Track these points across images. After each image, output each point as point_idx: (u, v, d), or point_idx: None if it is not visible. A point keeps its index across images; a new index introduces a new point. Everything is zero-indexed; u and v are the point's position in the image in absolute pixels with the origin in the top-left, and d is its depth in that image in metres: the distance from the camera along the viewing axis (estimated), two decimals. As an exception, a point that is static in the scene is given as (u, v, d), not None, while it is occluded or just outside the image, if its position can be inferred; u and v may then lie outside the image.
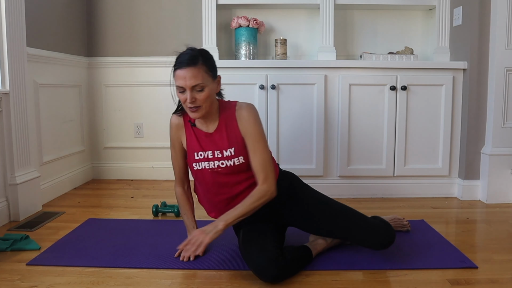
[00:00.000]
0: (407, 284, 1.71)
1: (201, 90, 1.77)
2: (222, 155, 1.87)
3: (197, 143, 1.91)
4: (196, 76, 1.75)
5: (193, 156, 1.91)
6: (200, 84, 1.76)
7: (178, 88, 1.80)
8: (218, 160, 1.88)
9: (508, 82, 2.83)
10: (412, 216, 2.60)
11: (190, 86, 1.75)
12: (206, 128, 1.92)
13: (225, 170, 1.88)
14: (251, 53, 3.14)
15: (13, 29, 2.47)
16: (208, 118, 1.90)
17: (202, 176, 1.93)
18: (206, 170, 1.90)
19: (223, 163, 1.87)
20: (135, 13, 3.51)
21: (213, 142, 1.89)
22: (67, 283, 1.71)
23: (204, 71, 1.78)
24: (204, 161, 1.89)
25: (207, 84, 1.78)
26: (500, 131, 2.87)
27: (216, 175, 1.90)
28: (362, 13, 3.36)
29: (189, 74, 1.74)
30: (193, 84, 1.75)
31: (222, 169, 1.88)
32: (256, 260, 1.71)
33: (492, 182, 2.89)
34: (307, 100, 2.93)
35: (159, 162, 3.60)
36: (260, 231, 1.87)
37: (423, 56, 3.36)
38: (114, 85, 3.56)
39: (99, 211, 2.70)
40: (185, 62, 1.76)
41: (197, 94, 1.77)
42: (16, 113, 2.51)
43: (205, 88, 1.78)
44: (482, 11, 2.84)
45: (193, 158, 1.91)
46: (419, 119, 2.98)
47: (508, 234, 2.30)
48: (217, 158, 1.88)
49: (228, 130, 1.89)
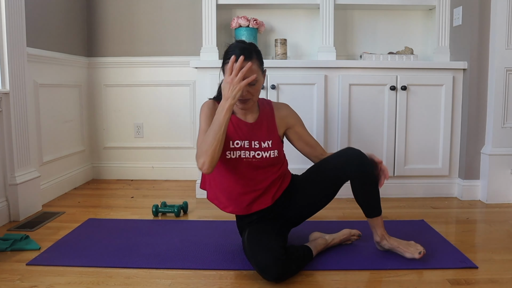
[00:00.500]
0: (407, 284, 1.72)
1: (254, 84, 1.84)
2: (260, 146, 1.92)
3: (234, 132, 1.91)
4: (252, 69, 1.81)
5: (228, 145, 1.89)
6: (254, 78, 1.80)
7: None
8: (255, 150, 1.91)
9: (508, 82, 2.84)
10: (412, 216, 2.61)
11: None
12: (245, 118, 1.95)
13: (259, 161, 1.91)
14: (251, 53, 3.14)
15: (13, 29, 2.48)
16: (250, 110, 1.96)
17: (234, 166, 1.91)
18: (241, 159, 1.90)
19: (259, 154, 1.91)
20: (135, 13, 3.51)
21: (252, 132, 1.93)
22: (67, 283, 1.72)
23: (257, 65, 1.86)
24: (240, 150, 1.90)
25: (259, 78, 1.86)
26: (500, 131, 2.87)
27: (249, 166, 1.91)
28: (362, 13, 3.36)
29: (245, 67, 1.77)
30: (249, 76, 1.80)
31: (258, 160, 1.91)
32: (261, 259, 1.72)
33: (492, 182, 2.89)
34: (307, 100, 2.93)
35: (159, 162, 3.60)
36: (265, 231, 1.88)
37: (423, 56, 3.36)
38: (114, 85, 3.56)
39: (99, 211, 2.71)
40: (241, 53, 1.79)
41: (250, 88, 1.83)
42: (16, 113, 2.52)
43: (258, 82, 1.86)
44: (482, 11, 2.84)
45: (228, 146, 1.89)
46: (419, 119, 2.99)
47: (508, 234, 2.30)
48: (253, 148, 1.91)
49: (268, 123, 1.97)
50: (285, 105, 2.08)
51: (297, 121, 2.06)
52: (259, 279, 1.76)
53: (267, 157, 1.92)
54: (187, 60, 3.30)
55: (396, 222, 2.47)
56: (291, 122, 2.04)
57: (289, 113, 2.05)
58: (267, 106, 2.03)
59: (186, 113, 3.54)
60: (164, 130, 3.58)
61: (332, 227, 2.21)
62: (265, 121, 1.98)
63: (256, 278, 1.77)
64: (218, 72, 2.89)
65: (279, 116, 2.01)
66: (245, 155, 1.90)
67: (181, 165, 3.58)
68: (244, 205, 1.94)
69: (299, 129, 2.07)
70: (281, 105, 2.07)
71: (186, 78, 3.50)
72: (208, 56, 3.11)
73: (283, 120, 2.02)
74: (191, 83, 3.50)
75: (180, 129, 3.57)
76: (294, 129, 2.05)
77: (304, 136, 2.07)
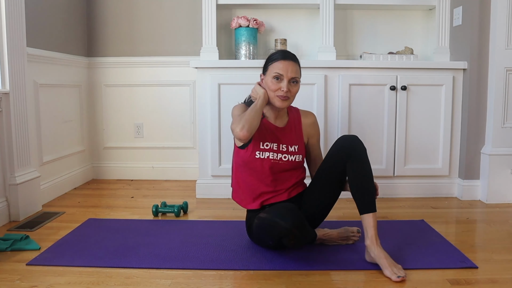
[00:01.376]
0: (407, 284, 1.72)
1: (295, 83, 2.01)
2: (287, 149, 2.07)
3: (265, 134, 2.05)
4: (297, 70, 2.01)
5: (258, 145, 2.03)
6: (297, 78, 2.01)
7: (275, 77, 1.97)
8: (282, 153, 2.06)
9: (508, 82, 2.85)
10: (412, 216, 2.62)
11: (291, 76, 1.97)
12: (275, 122, 2.10)
13: (285, 164, 2.06)
14: (251, 53, 3.15)
15: (13, 30, 2.49)
16: (280, 113, 2.10)
17: (261, 165, 2.03)
18: (268, 160, 2.03)
19: (286, 157, 2.06)
20: (135, 13, 3.52)
21: (281, 136, 2.08)
22: (67, 283, 1.72)
23: (299, 69, 2.05)
24: (269, 151, 2.04)
25: (299, 81, 2.04)
26: (500, 131, 2.88)
27: (275, 167, 2.04)
28: (362, 13, 3.37)
29: (291, 67, 1.98)
30: (293, 75, 1.98)
31: (284, 162, 2.05)
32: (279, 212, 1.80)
33: (492, 182, 2.90)
34: (307, 100, 2.94)
35: (159, 162, 3.61)
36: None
37: (423, 56, 3.37)
38: (114, 85, 3.57)
39: (99, 211, 2.71)
40: (290, 56, 2.02)
41: (292, 86, 1.99)
42: (16, 113, 2.52)
43: (299, 83, 2.03)
44: (482, 11, 2.85)
45: (258, 147, 2.03)
46: (419, 119, 3.00)
47: (508, 234, 2.31)
48: (281, 151, 2.06)
49: (295, 129, 2.13)
50: (312, 114, 2.22)
51: (316, 132, 2.21)
52: (260, 279, 1.76)
53: (292, 161, 2.07)
54: (187, 60, 3.31)
55: (396, 222, 2.48)
56: (312, 132, 2.19)
57: (314, 122, 2.20)
58: (295, 113, 2.18)
59: (186, 113, 3.55)
60: (164, 130, 3.59)
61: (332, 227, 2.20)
62: (293, 126, 2.13)
63: (256, 278, 1.77)
64: (218, 72, 2.92)
65: (305, 123, 2.17)
66: (273, 157, 2.04)
67: (181, 165, 3.59)
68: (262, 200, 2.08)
69: (315, 141, 2.21)
70: (308, 113, 2.21)
71: (186, 78, 3.51)
72: (208, 56, 3.11)
73: (308, 127, 2.17)
74: (191, 83, 3.51)
75: (180, 129, 3.58)
76: (312, 139, 2.20)
77: (315, 150, 2.21)
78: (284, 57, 2.00)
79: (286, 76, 1.96)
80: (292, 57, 2.02)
